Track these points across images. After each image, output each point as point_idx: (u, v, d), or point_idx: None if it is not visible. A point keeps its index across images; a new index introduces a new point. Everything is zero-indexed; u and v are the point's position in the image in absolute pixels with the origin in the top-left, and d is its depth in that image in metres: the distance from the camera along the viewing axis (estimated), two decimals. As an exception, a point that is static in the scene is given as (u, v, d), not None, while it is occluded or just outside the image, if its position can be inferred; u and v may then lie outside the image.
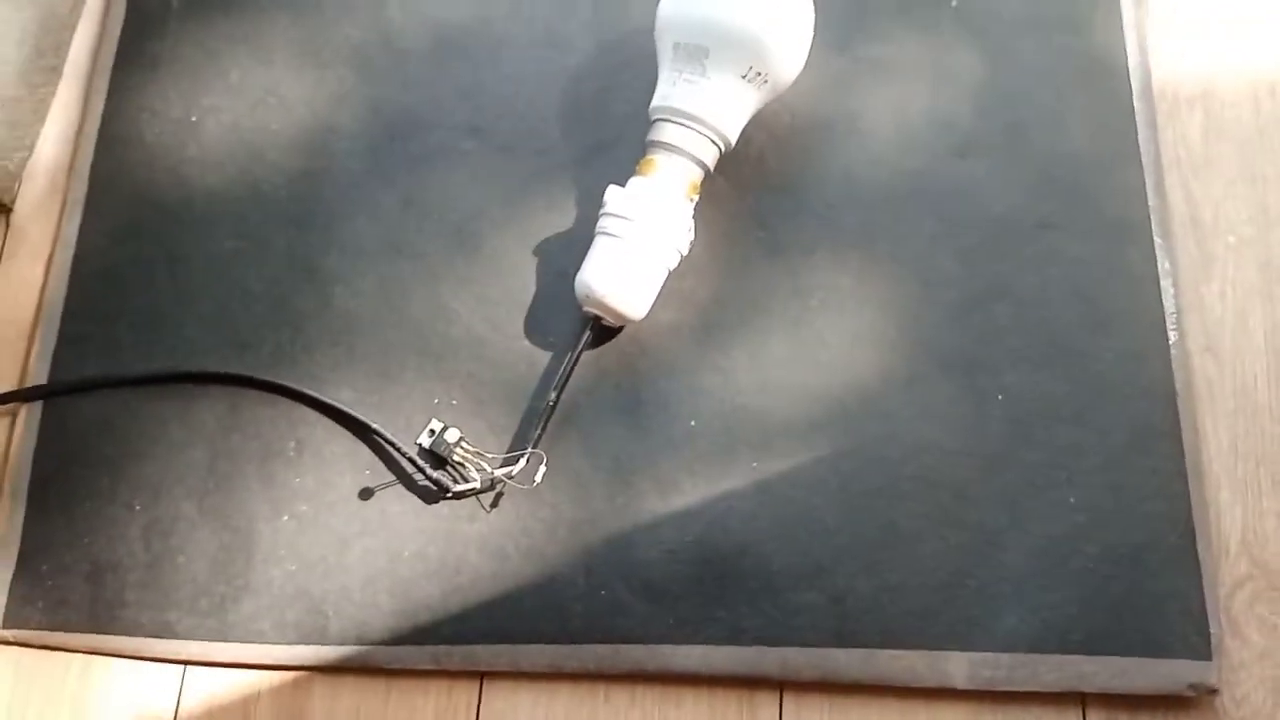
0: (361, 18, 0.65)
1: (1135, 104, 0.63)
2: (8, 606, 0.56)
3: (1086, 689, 0.53)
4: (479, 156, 0.63)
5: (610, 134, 0.63)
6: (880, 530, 0.56)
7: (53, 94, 0.65)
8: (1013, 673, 0.53)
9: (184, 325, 0.60)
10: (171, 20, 0.65)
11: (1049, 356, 0.59)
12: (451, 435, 0.57)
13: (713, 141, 0.57)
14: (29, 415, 0.59)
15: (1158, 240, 0.60)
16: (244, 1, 0.66)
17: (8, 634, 0.56)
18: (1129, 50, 0.64)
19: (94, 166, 0.62)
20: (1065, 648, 0.53)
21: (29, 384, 0.60)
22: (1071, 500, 0.56)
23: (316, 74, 0.64)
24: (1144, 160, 0.62)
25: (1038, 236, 0.61)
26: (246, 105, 0.64)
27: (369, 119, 0.63)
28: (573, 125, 0.63)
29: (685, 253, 0.57)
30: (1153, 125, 0.63)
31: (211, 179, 0.62)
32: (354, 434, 0.58)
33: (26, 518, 0.58)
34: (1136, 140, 0.62)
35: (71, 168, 0.63)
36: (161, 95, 0.64)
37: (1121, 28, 0.65)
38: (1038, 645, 0.53)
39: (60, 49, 0.65)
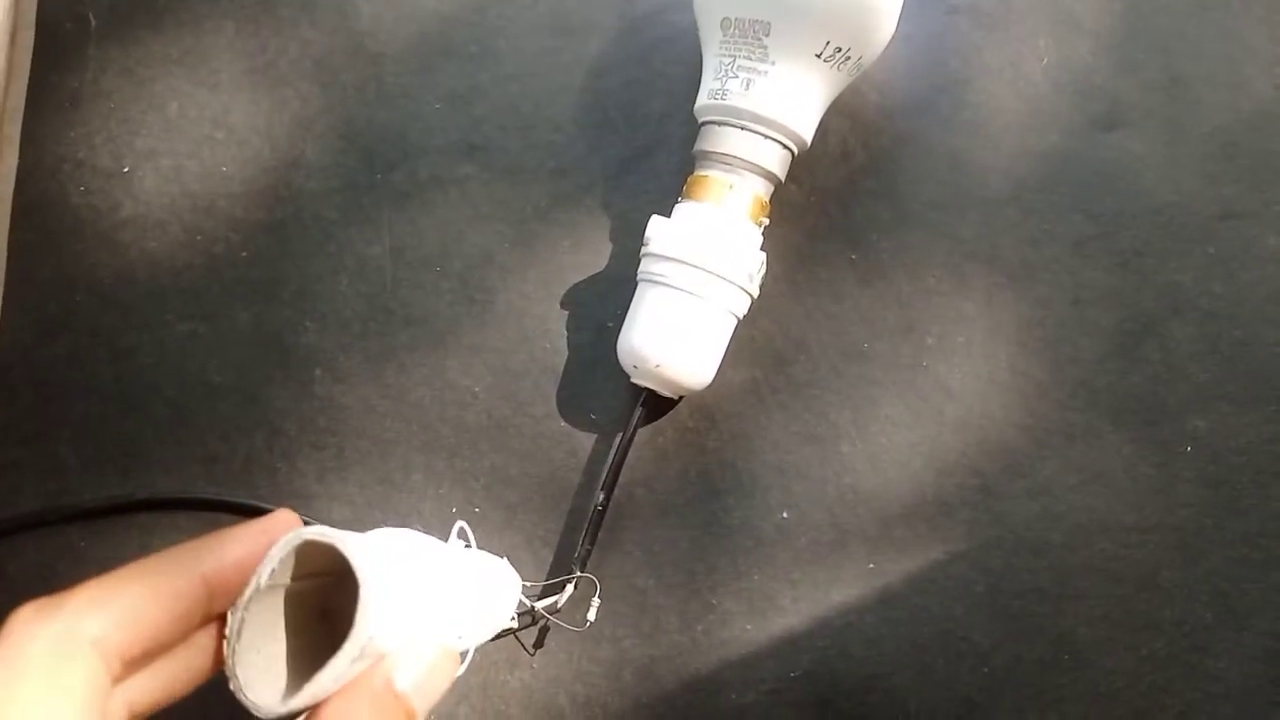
0: (323, 16, 0.51)
1: (1334, 36, 0.48)
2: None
3: None
4: (481, 184, 0.49)
5: (646, 140, 0.49)
6: (1049, 646, 0.43)
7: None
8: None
9: (137, 436, 0.47)
10: (90, 45, 0.52)
11: (1250, 389, 0.44)
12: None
13: (783, 145, 0.43)
14: (-45, 565, 0.47)
15: (1384, 218, 0.46)
16: (177, 11, 0.52)
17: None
18: (1319, -36, 0.49)
19: (11, 243, 0.50)
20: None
21: (-46, 523, 0.48)
22: (1301, 584, 0.42)
23: (273, 95, 0.51)
24: (1354, 110, 0.47)
25: (1219, 229, 0.46)
26: (190, 144, 0.50)
27: (341, 147, 0.50)
28: (596, 133, 0.49)
29: (756, 294, 0.44)
30: (1361, 61, 0.48)
31: (154, 245, 0.49)
32: (354, 562, 0.46)
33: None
34: (1341, 84, 0.47)
35: (-20, 246, 0.50)
36: (86, 141, 0.51)
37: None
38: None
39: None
